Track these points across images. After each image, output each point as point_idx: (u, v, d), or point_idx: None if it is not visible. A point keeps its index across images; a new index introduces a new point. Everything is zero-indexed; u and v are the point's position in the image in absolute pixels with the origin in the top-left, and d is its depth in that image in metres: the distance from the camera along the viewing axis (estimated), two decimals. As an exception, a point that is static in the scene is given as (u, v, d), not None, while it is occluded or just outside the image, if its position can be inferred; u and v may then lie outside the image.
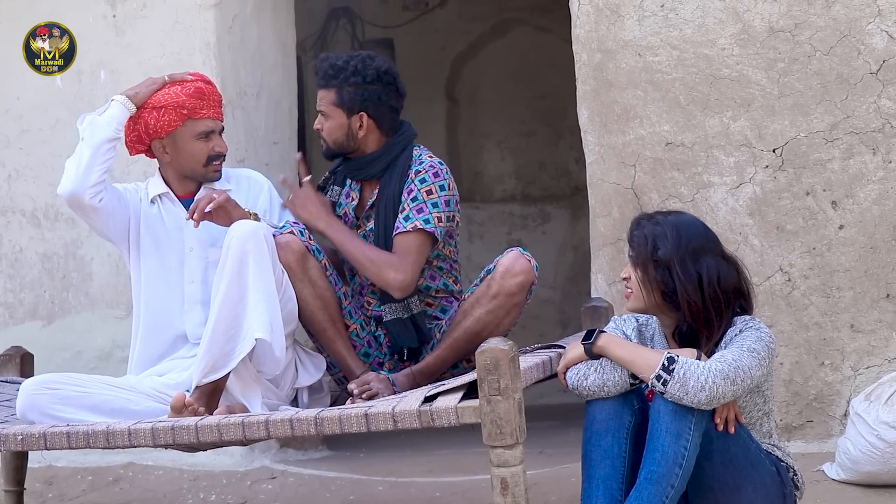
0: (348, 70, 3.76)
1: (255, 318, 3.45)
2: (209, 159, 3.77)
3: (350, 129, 3.78)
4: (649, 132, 4.30)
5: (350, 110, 3.77)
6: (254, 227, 3.55)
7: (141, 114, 3.73)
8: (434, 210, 3.69)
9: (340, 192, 3.90)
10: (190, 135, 3.75)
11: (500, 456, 2.92)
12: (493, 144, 7.75)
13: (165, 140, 3.76)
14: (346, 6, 7.63)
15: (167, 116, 3.72)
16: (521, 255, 3.64)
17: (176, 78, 3.80)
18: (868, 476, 3.85)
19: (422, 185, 3.71)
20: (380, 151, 3.80)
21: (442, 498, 4.34)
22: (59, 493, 4.65)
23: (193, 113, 3.74)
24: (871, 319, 4.12)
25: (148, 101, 3.74)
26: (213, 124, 3.78)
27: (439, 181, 3.73)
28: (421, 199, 3.70)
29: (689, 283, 3.13)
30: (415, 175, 3.73)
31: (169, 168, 3.83)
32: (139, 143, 3.80)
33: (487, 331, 3.58)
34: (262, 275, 3.49)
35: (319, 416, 3.05)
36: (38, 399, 3.47)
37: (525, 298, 3.65)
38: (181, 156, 3.77)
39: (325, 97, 3.81)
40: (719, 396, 2.98)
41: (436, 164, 3.77)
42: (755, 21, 4.19)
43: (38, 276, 4.97)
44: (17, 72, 4.92)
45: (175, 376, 3.67)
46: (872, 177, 4.12)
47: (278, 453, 4.91)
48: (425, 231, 3.68)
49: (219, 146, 3.79)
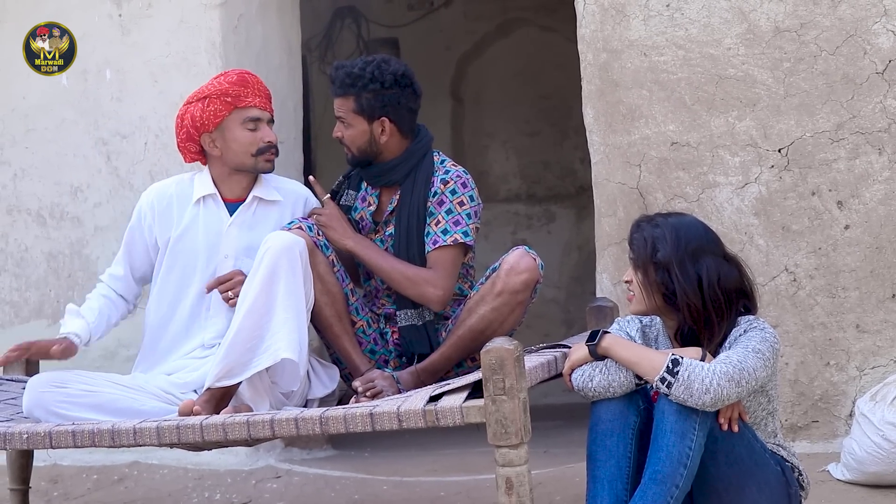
0: (366, 77, 3.75)
1: (284, 336, 3.42)
2: (259, 150, 3.71)
3: (372, 135, 3.79)
4: (654, 132, 4.30)
5: (371, 117, 3.77)
6: (290, 240, 3.51)
7: (187, 108, 3.71)
8: (469, 221, 3.74)
9: (356, 197, 3.90)
10: (237, 123, 3.69)
11: (505, 455, 2.91)
12: (498, 144, 7.75)
13: (214, 133, 3.71)
14: (351, 6, 7.62)
15: (212, 106, 3.68)
16: (526, 253, 3.65)
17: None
18: (873, 476, 3.85)
19: (453, 196, 3.75)
20: (401, 158, 3.81)
21: (446, 497, 4.34)
22: (64, 491, 4.65)
23: (238, 101, 3.69)
24: (876, 320, 4.11)
25: (192, 95, 3.73)
26: (260, 113, 3.73)
27: (468, 191, 3.78)
28: (456, 212, 3.73)
29: (688, 285, 3.13)
30: (443, 186, 3.76)
31: (218, 164, 3.77)
32: (190, 142, 3.75)
33: (492, 329, 3.59)
34: (294, 292, 3.47)
35: (324, 415, 3.05)
36: (45, 397, 3.47)
37: (530, 297, 3.66)
38: (230, 147, 3.71)
39: (344, 105, 3.80)
40: (724, 398, 2.98)
41: (461, 172, 3.81)
42: (761, 21, 4.19)
43: (44, 275, 4.97)
44: (24, 71, 4.92)
45: (184, 376, 3.67)
46: (878, 177, 4.11)
47: (283, 452, 4.92)
48: (464, 244, 3.73)
49: (268, 136, 3.73)
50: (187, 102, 3.74)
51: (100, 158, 4.90)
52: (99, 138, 4.90)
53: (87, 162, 4.91)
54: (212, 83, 3.74)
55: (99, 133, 4.90)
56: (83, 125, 4.92)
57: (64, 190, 4.94)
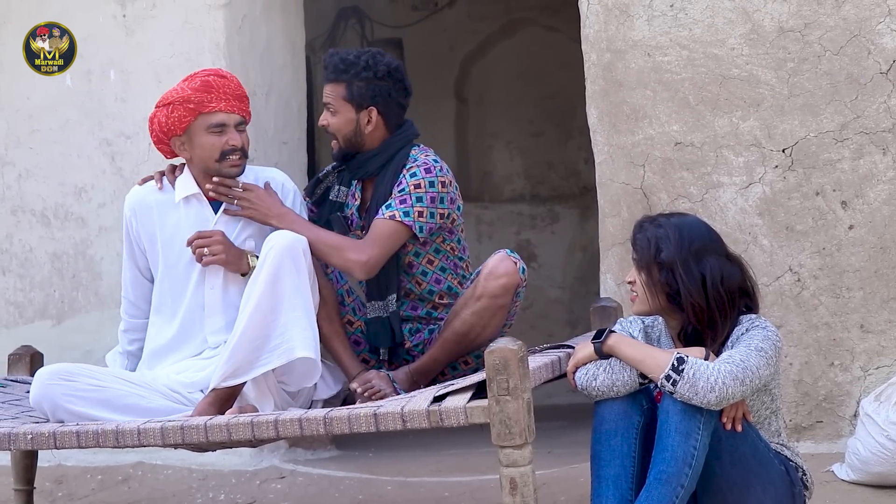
0: (359, 65, 3.75)
1: (297, 333, 3.42)
2: (223, 154, 3.69)
3: (358, 125, 3.78)
4: (658, 132, 4.29)
5: (360, 105, 3.76)
6: (293, 239, 3.50)
7: (155, 113, 3.73)
8: (417, 204, 3.67)
9: (347, 193, 3.89)
10: (202, 129, 3.69)
11: (509, 456, 2.91)
12: (502, 144, 7.74)
13: (182, 137, 3.71)
14: (355, 6, 7.63)
15: (176, 112, 3.68)
16: (506, 256, 3.62)
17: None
18: (878, 477, 3.84)
19: (411, 178, 3.70)
20: (378, 149, 3.79)
21: (450, 498, 4.34)
22: (68, 492, 4.66)
23: (202, 107, 3.68)
24: (880, 320, 4.11)
25: (160, 99, 3.74)
26: (227, 117, 3.70)
27: (430, 177, 3.70)
28: (407, 192, 3.68)
29: (692, 285, 3.13)
30: (406, 171, 3.73)
31: (192, 166, 3.78)
32: (161, 144, 3.78)
33: (475, 332, 3.59)
34: (300, 290, 3.46)
35: (328, 416, 3.05)
36: (52, 389, 3.45)
37: (511, 300, 3.63)
38: (196, 152, 3.71)
39: (335, 91, 3.79)
40: (729, 397, 2.98)
41: (430, 161, 3.74)
42: (765, 21, 4.19)
43: (48, 275, 4.98)
44: (28, 72, 4.93)
45: (191, 375, 3.66)
46: (882, 177, 4.11)
47: (287, 453, 4.92)
48: (402, 223, 3.66)
49: (233, 140, 3.70)
50: (156, 106, 3.74)
51: (104, 159, 4.90)
52: (103, 139, 4.90)
53: (91, 162, 4.92)
54: (176, 89, 3.73)
55: (103, 133, 4.90)
56: (87, 126, 4.92)
57: (68, 190, 4.94)
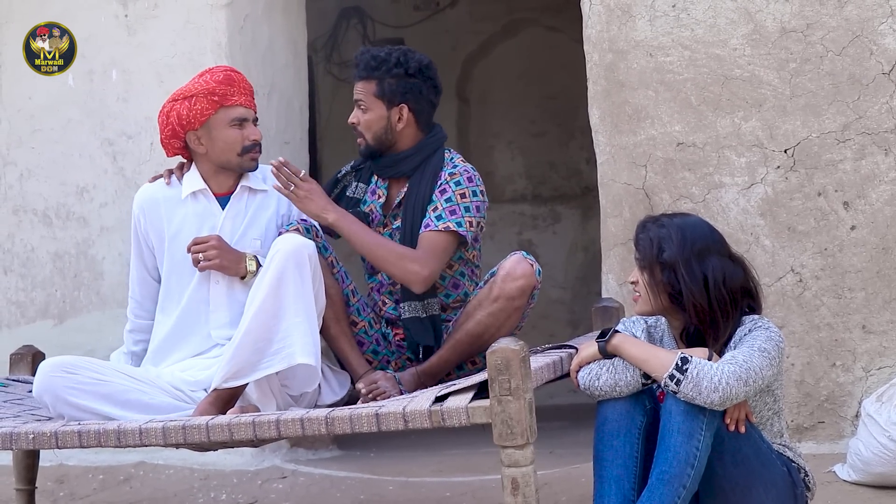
0: (391, 61, 3.75)
1: (297, 339, 3.42)
2: (244, 149, 3.72)
3: (389, 122, 3.78)
4: (660, 132, 4.29)
5: (391, 102, 3.77)
6: (299, 243, 3.50)
7: (172, 106, 3.72)
8: (466, 214, 3.71)
9: (366, 190, 3.89)
10: (223, 123, 3.70)
11: (511, 456, 2.91)
12: (504, 144, 7.74)
13: (200, 131, 3.71)
14: (356, 6, 7.63)
15: (199, 105, 3.67)
16: (523, 258, 3.63)
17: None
18: (879, 477, 3.84)
19: (457, 187, 3.73)
20: (413, 149, 3.80)
21: (452, 498, 4.34)
22: (70, 491, 4.66)
23: (225, 100, 3.69)
24: (882, 320, 4.11)
25: (178, 92, 3.74)
26: (246, 112, 3.73)
27: (473, 186, 3.75)
28: (455, 202, 3.71)
29: (694, 285, 3.12)
30: (449, 177, 3.75)
31: (205, 161, 3.77)
32: (174, 139, 3.76)
33: (489, 333, 3.59)
34: (303, 295, 3.46)
35: (330, 415, 3.05)
36: (55, 381, 3.44)
37: (527, 302, 3.64)
38: (216, 146, 3.72)
39: (366, 88, 3.78)
40: (732, 397, 2.97)
41: (469, 169, 3.79)
42: (767, 21, 4.18)
43: (50, 275, 4.98)
44: (29, 71, 4.93)
45: (195, 374, 3.66)
46: (885, 177, 4.11)
47: (289, 453, 4.92)
48: (456, 233, 3.69)
49: (253, 134, 3.73)
50: (172, 99, 3.74)
51: (106, 159, 4.90)
52: (105, 139, 4.91)
53: (92, 162, 4.92)
54: (198, 81, 3.74)
55: (105, 133, 4.91)
56: (89, 125, 4.92)
57: (70, 190, 4.95)
